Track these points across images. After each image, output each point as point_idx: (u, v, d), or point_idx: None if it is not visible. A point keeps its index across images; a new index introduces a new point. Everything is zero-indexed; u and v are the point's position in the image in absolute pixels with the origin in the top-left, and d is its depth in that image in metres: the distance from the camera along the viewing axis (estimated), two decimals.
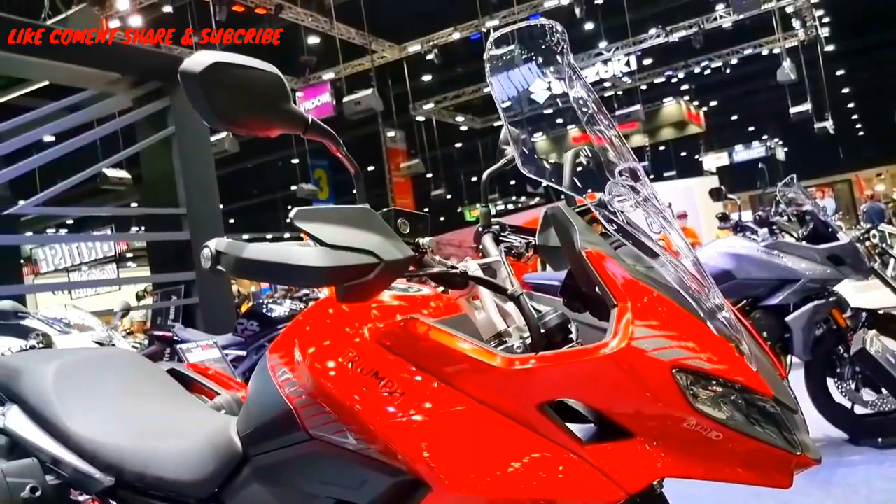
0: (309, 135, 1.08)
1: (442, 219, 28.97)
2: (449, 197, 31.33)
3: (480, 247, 1.35)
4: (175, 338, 4.78)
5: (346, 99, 14.62)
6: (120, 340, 3.44)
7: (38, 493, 1.45)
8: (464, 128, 24.97)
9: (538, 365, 1.01)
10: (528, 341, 1.09)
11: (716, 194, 4.58)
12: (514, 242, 1.40)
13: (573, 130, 1.33)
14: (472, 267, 1.20)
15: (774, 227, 3.95)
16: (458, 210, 29.72)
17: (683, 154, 31.09)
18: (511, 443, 1.00)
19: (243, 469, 1.32)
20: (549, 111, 1.27)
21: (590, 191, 1.20)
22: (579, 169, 1.21)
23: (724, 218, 4.85)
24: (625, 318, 0.99)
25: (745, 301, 3.76)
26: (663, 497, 1.24)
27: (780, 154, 28.05)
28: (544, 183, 1.24)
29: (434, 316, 1.21)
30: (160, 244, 5.77)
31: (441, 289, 1.30)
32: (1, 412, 1.58)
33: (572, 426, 1.03)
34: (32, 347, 3.20)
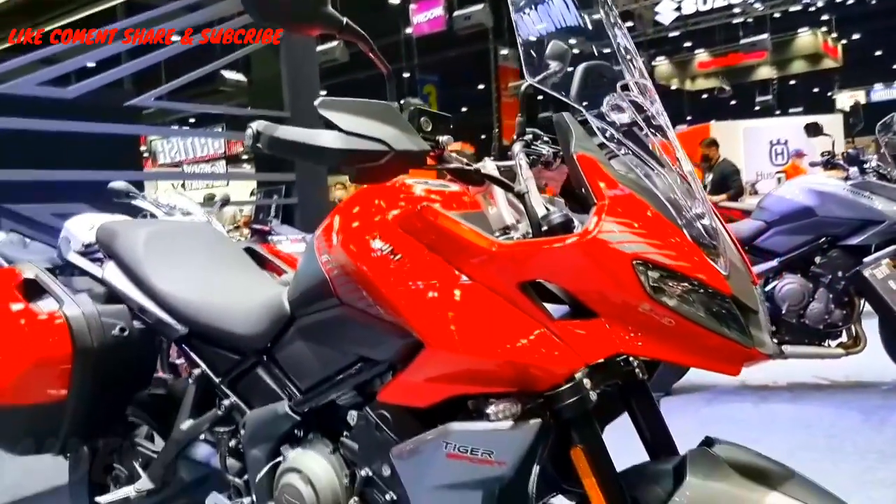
0: (344, 35, 1.23)
1: None
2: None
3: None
4: (271, 232, 5.17)
5: (456, 13, 14.52)
6: (218, 227, 3.78)
7: (125, 333, 1.74)
8: (576, 50, 24.15)
9: (519, 249, 1.16)
10: (530, 235, 1.24)
11: (812, 130, 4.44)
12: (543, 151, 1.52)
13: (702, 54, 1.43)
14: (490, 167, 1.34)
15: (866, 167, 3.84)
16: None
17: (815, 90, 29.24)
18: (493, 314, 1.17)
19: (290, 328, 1.55)
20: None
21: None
22: (589, 83, 1.31)
23: (832, 157, 4.70)
24: (598, 213, 1.12)
25: (823, 239, 3.72)
26: (644, 386, 1.39)
27: None
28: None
29: (458, 209, 1.36)
30: None
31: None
32: (101, 266, 1.87)
33: (549, 305, 1.18)
34: None
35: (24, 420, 1.66)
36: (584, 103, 1.26)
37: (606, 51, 1.35)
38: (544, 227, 1.20)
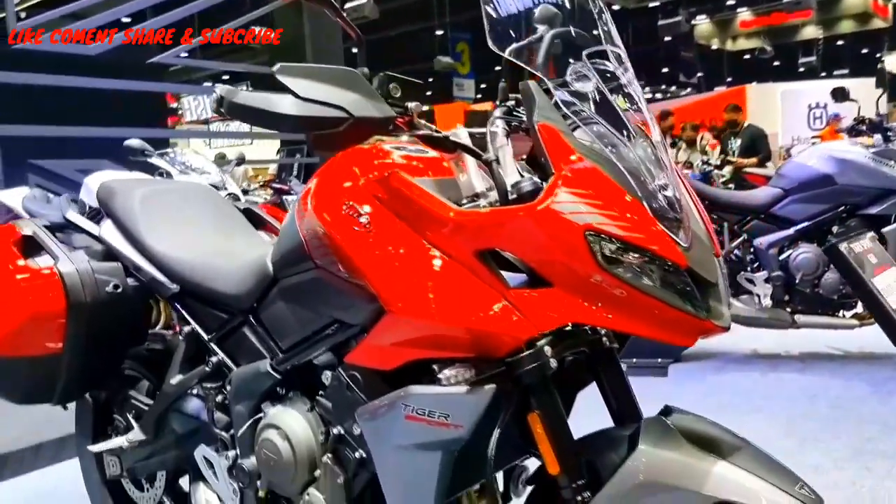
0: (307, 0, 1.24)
1: None
2: None
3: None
4: (291, 191, 5.22)
5: None
6: (231, 185, 3.84)
7: (119, 290, 1.79)
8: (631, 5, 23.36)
9: (473, 217, 1.18)
10: (497, 203, 1.25)
11: (839, 95, 4.33)
12: (524, 118, 1.51)
13: (744, 13, 1.41)
14: (462, 133, 1.35)
15: (890, 134, 3.74)
16: None
17: (864, 51, 28.29)
18: (452, 281, 1.19)
19: (273, 289, 1.59)
20: None
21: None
22: (557, 51, 1.30)
23: (861, 123, 4.58)
24: (553, 183, 1.12)
25: (842, 208, 3.65)
26: (612, 354, 1.40)
27: None
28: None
29: (433, 176, 1.37)
30: None
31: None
32: (99, 224, 1.92)
33: (508, 274, 1.20)
34: None
35: (22, 371, 1.73)
36: (554, 73, 1.25)
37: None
38: (513, 195, 1.21)
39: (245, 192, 4.66)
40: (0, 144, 4.92)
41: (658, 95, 29.16)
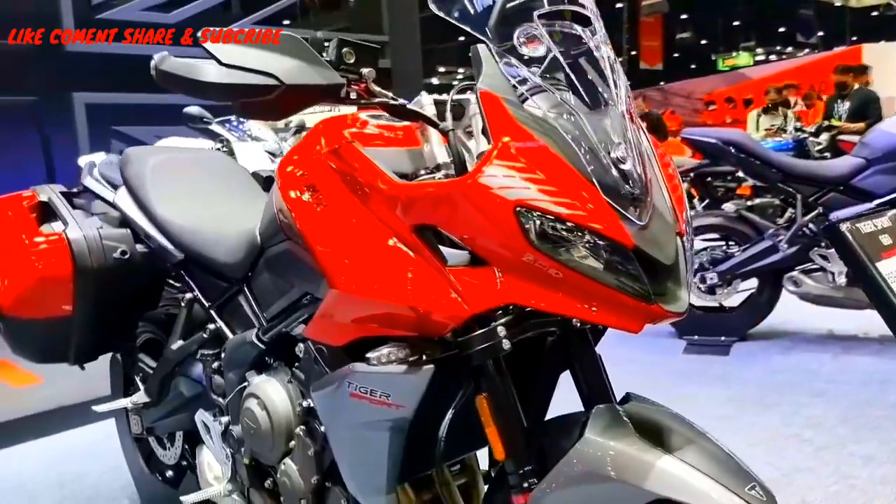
0: None
1: (693, 66, 26.97)
2: (704, 42, 28.92)
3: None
4: None
5: None
6: (286, 150, 3.88)
7: (126, 256, 1.84)
8: None
9: (407, 191, 1.12)
10: (453, 175, 1.19)
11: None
12: None
13: None
14: (426, 100, 1.29)
15: None
16: (712, 57, 27.46)
17: None
18: (391, 258, 1.14)
19: (260, 259, 1.59)
20: None
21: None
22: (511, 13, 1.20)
23: None
24: (487, 156, 1.05)
25: None
26: (585, 335, 1.32)
27: None
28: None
29: (399, 146, 1.32)
30: None
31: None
32: (115, 191, 1.97)
33: (452, 251, 1.14)
34: (219, 149, 3.74)
35: (36, 332, 1.82)
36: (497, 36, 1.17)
37: None
38: (471, 167, 1.15)
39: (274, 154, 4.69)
40: (86, 111, 5.18)
41: (772, 57, 27.61)
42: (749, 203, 4.07)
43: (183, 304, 1.82)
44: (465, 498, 1.48)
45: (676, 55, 26.68)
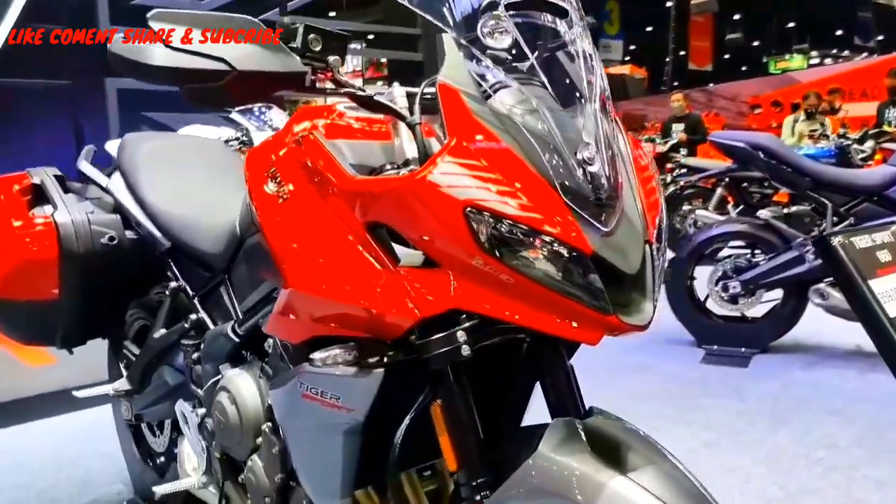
0: None
1: (743, 68, 26.39)
2: (756, 43, 28.25)
3: None
4: None
5: None
6: None
7: (114, 242, 1.83)
8: None
9: (357, 187, 1.08)
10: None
11: None
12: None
13: None
14: (398, 92, 1.24)
15: None
16: (763, 60, 26.82)
17: None
18: (343, 256, 1.10)
19: (240, 251, 1.57)
20: None
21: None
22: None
23: None
24: (440, 153, 1.00)
25: None
26: (555, 342, 1.26)
27: None
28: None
29: (372, 139, 1.28)
30: (398, 62, 6.09)
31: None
32: (110, 176, 1.96)
33: (405, 250, 1.09)
34: (237, 139, 3.73)
35: (23, 314, 1.82)
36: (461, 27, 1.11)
37: None
38: None
39: None
40: (118, 97, 5.24)
41: (828, 61, 26.87)
42: (785, 211, 3.93)
43: (167, 293, 1.80)
44: None
45: (727, 56, 26.15)
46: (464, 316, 1.07)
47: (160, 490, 1.70)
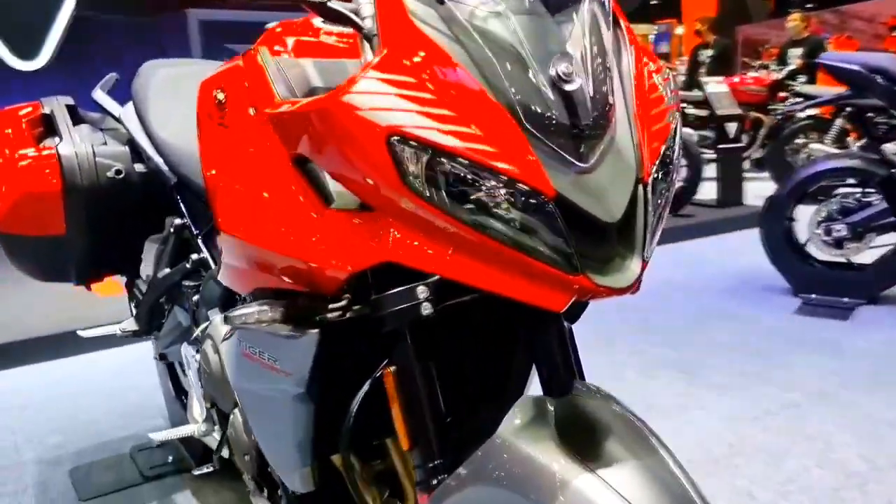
0: None
1: None
2: None
3: None
4: None
5: None
6: None
7: (121, 175, 1.73)
8: None
9: (278, 114, 0.89)
10: None
11: None
12: None
13: None
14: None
15: None
16: None
17: None
18: (275, 196, 0.93)
19: None
20: None
21: None
22: None
23: None
24: (365, 67, 0.80)
25: None
26: None
27: None
28: None
29: (348, 57, 1.10)
30: None
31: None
32: (124, 105, 1.86)
33: (342, 189, 0.91)
34: None
35: (32, 249, 1.76)
36: None
37: None
38: None
39: None
40: (200, 28, 5.22)
41: None
42: None
43: (172, 230, 1.70)
44: None
45: None
46: None
47: (157, 437, 1.63)
